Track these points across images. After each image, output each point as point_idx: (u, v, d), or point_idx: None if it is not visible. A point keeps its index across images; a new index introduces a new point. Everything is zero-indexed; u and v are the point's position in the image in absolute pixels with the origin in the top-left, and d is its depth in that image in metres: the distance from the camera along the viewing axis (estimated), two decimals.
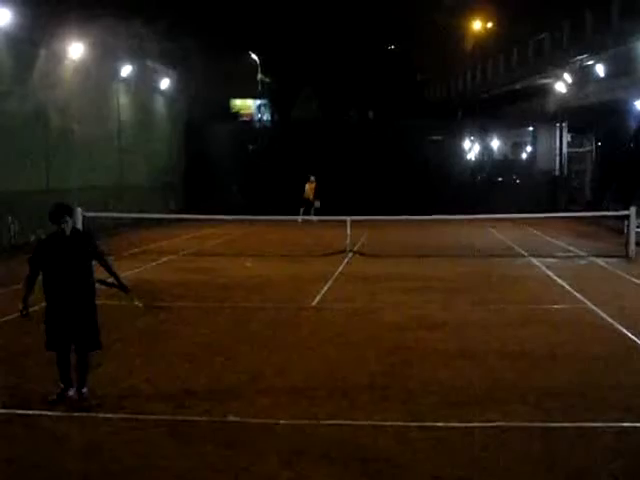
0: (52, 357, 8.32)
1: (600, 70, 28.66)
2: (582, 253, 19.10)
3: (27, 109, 20.89)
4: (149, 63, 29.36)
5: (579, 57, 30.92)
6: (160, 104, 32.16)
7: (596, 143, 34.45)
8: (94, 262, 7.25)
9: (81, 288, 7.03)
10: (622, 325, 10.28)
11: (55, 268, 6.98)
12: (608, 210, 25.71)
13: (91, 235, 7.71)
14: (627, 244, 18.03)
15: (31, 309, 11.30)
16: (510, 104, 39.82)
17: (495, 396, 7.24)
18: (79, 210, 18.66)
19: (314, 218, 27.05)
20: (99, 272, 7.39)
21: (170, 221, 28.16)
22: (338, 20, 47.42)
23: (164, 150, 32.19)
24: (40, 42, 21.34)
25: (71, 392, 7.09)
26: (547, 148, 36.23)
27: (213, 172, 34.19)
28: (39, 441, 6.18)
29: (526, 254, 18.94)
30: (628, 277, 14.90)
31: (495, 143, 44.33)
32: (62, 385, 7.12)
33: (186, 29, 32.43)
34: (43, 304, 11.72)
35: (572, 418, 6.62)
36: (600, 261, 17.37)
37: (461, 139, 38.65)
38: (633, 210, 18.07)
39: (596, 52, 29.11)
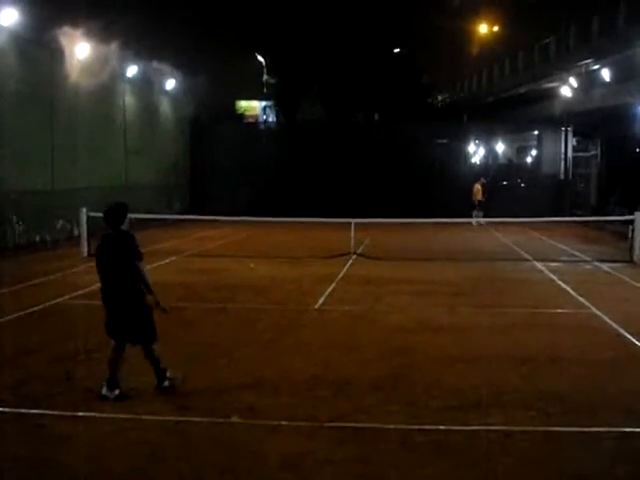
0: (58, 355, 8.35)
1: (606, 75, 28.62)
2: (587, 258, 19.07)
3: (33, 109, 20.97)
4: (155, 64, 29.40)
5: (585, 61, 30.89)
6: (166, 105, 32.20)
7: (601, 147, 34.39)
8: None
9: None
10: (626, 330, 10.26)
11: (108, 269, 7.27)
12: (613, 215, 25.67)
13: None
14: (632, 249, 17.99)
15: (34, 308, 11.31)
16: (515, 108, 39.79)
17: (498, 400, 7.23)
18: (84, 210, 18.75)
19: (482, 220, 27.39)
20: None
21: (175, 221, 28.24)
22: (344, 22, 47.39)
23: (169, 151, 32.23)
24: (46, 42, 21.37)
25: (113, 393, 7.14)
26: (552, 152, 36.19)
27: (218, 173, 34.22)
28: (44, 440, 6.19)
29: (530, 258, 18.92)
30: (632, 282, 14.87)
31: (500, 147, 44.34)
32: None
33: (192, 30, 32.52)
34: (48, 303, 11.81)
35: (575, 423, 6.62)
36: (604, 266, 17.34)
37: (466, 142, 38.62)
38: (638, 215, 18.01)
39: (602, 57, 29.08)
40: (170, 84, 31.40)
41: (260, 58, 47.23)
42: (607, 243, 22.47)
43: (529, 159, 41.69)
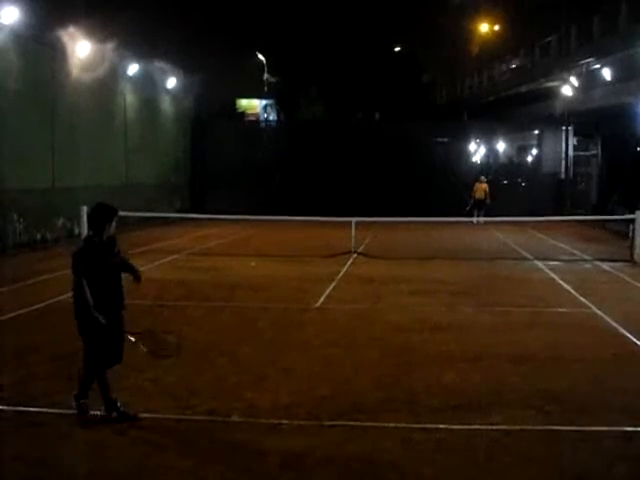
0: (59, 353, 8.34)
1: (607, 74, 28.59)
2: (587, 257, 19.07)
3: (34, 107, 20.95)
4: (156, 62, 29.39)
5: (586, 60, 30.86)
6: (166, 103, 32.18)
7: (602, 147, 34.35)
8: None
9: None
10: (626, 329, 10.26)
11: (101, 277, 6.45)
12: (613, 214, 25.65)
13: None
14: (632, 248, 17.99)
15: (35, 306, 11.30)
16: (516, 107, 39.74)
17: (498, 399, 7.24)
18: (85, 208, 18.73)
19: (482, 219, 27.41)
20: None
21: (175, 220, 28.24)
22: (345, 21, 47.45)
23: (170, 149, 32.21)
24: (47, 40, 21.35)
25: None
26: (553, 151, 36.12)
27: (219, 171, 34.19)
28: (44, 439, 6.20)
29: (531, 257, 18.92)
30: (633, 282, 14.86)
31: (501, 146, 44.31)
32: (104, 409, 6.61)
33: (193, 29, 32.52)
34: (49, 301, 11.80)
35: (575, 422, 6.62)
36: (605, 265, 17.34)
37: (467, 141, 38.59)
38: (638, 214, 18.01)
39: (603, 56, 29.05)
40: (171, 82, 31.38)
41: (261, 57, 47.21)
42: (608, 242, 22.44)
43: (530, 158, 41.62)
